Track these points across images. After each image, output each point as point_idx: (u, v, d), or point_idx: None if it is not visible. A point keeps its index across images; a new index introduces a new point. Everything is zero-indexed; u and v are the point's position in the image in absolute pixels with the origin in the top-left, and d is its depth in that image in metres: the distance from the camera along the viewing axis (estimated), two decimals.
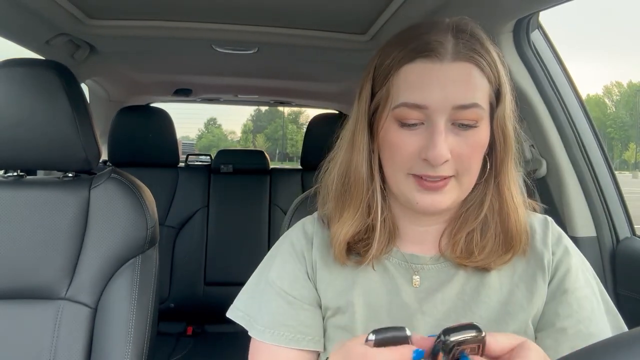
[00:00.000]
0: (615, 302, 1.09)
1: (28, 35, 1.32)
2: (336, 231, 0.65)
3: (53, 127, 0.96)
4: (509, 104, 0.61)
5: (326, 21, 1.34)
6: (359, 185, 0.64)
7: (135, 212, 1.01)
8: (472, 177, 0.61)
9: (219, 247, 2.24)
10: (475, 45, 0.59)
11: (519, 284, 0.62)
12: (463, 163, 0.59)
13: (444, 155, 0.56)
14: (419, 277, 0.64)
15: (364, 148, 0.63)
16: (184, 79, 2.36)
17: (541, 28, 1.12)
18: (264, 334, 0.65)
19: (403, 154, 0.59)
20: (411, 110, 0.58)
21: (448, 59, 0.57)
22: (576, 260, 0.64)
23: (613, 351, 0.26)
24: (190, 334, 2.21)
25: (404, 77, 0.59)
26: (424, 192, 0.59)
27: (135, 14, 1.33)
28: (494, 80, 0.60)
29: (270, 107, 21.23)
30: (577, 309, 0.60)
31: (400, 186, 0.61)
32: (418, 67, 0.58)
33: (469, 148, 0.58)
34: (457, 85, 0.57)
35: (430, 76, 0.57)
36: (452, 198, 0.60)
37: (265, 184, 2.34)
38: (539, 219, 0.68)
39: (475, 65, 0.58)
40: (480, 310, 0.61)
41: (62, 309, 0.95)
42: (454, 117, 0.57)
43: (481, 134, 0.59)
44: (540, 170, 1.18)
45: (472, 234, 0.63)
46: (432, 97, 0.57)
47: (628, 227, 1.14)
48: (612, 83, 53.37)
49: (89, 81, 2.03)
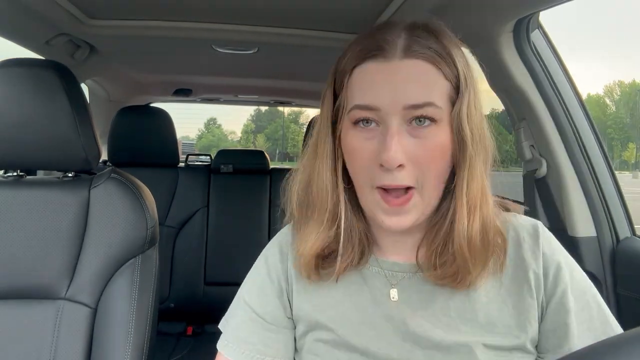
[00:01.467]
0: (615, 302, 1.10)
1: (28, 35, 1.32)
2: (299, 246, 0.62)
3: (53, 127, 0.96)
4: (472, 102, 0.56)
5: (326, 21, 1.34)
6: (322, 194, 0.61)
7: (135, 212, 1.01)
8: (433, 187, 0.57)
9: (219, 247, 2.24)
10: (429, 42, 0.55)
11: (506, 299, 0.59)
12: (422, 169, 0.55)
13: (397, 158, 0.53)
14: (396, 290, 0.62)
15: (327, 155, 0.61)
16: (184, 79, 2.36)
17: (541, 28, 1.12)
18: (226, 347, 0.65)
19: (362, 160, 0.57)
20: (363, 112, 0.56)
21: (397, 57, 0.54)
22: (569, 273, 0.59)
23: (613, 351, 0.26)
24: (190, 334, 2.21)
25: (356, 79, 0.57)
26: (389, 212, 0.56)
27: (135, 14, 1.33)
28: (452, 78, 0.56)
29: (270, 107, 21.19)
30: (577, 328, 0.57)
31: (367, 201, 0.59)
32: (368, 67, 0.56)
33: (426, 152, 0.55)
34: (408, 84, 0.54)
35: (379, 76, 0.55)
36: (416, 216, 0.57)
37: (265, 184, 2.34)
38: (527, 226, 0.62)
39: (429, 62, 0.55)
40: (466, 327, 0.58)
41: (62, 309, 0.95)
42: (408, 116, 0.54)
43: (439, 134, 0.55)
44: (540, 170, 1.18)
45: (442, 246, 0.59)
46: (382, 98, 0.54)
47: (628, 227, 1.14)
48: (613, 82, 53.33)
49: (89, 81, 2.03)
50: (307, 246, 0.61)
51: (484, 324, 0.58)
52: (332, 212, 0.61)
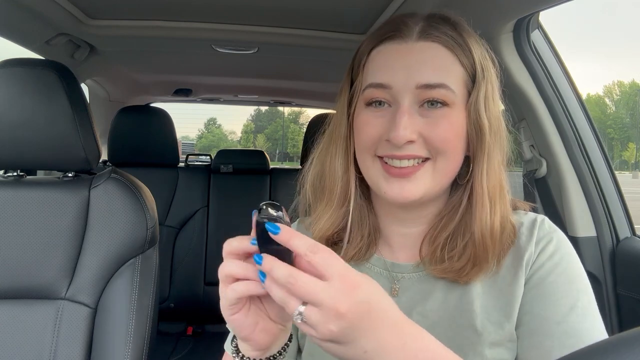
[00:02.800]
0: (615, 302, 1.09)
1: (28, 35, 1.32)
2: (314, 229, 0.63)
3: (53, 127, 0.96)
4: (490, 94, 0.57)
5: (326, 21, 1.34)
6: (333, 175, 0.62)
7: (135, 212, 1.01)
8: (449, 162, 0.56)
9: (219, 247, 2.18)
10: (446, 28, 0.57)
11: (503, 288, 0.57)
12: (435, 144, 0.55)
13: (406, 136, 0.53)
14: (399, 286, 0.61)
15: (341, 139, 0.62)
16: (184, 79, 2.36)
17: (541, 28, 1.12)
18: (227, 344, 0.65)
19: (368, 134, 0.57)
20: (376, 90, 0.57)
21: (413, 38, 0.56)
22: (561, 261, 0.57)
23: (613, 350, 0.26)
24: (190, 334, 2.21)
25: (372, 60, 0.59)
26: (391, 180, 0.56)
27: (136, 13, 1.33)
28: (468, 65, 0.57)
29: (270, 107, 21.23)
30: (549, 305, 0.54)
31: (368, 171, 0.59)
32: (385, 48, 0.58)
33: (439, 129, 0.55)
34: (422, 64, 0.55)
35: (394, 56, 0.56)
36: (424, 186, 0.56)
37: (265, 184, 2.34)
38: (529, 218, 0.61)
39: (444, 46, 0.56)
40: (464, 320, 0.57)
41: (62, 309, 0.95)
42: (420, 97, 0.55)
43: (452, 117, 0.55)
44: (540, 170, 1.18)
45: (450, 240, 0.59)
46: (396, 77, 0.55)
47: (628, 227, 1.14)
48: (613, 82, 53.33)
49: (89, 81, 2.03)
50: (318, 226, 0.62)
51: (482, 317, 0.57)
52: (342, 194, 0.62)
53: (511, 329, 0.56)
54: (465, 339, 0.56)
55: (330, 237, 0.63)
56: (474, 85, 0.57)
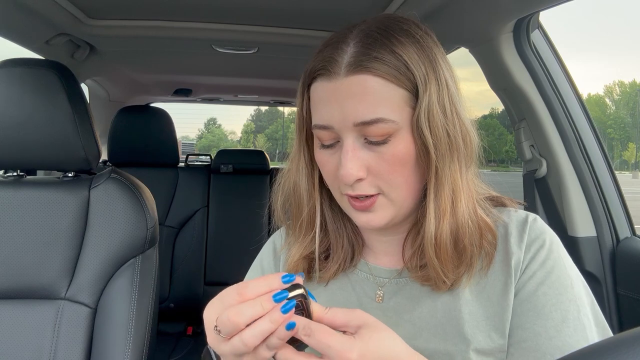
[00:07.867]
0: (615, 302, 1.09)
1: (28, 35, 1.32)
2: (286, 257, 0.64)
3: (53, 127, 0.96)
4: (433, 104, 0.53)
5: (326, 21, 1.34)
6: (301, 201, 0.63)
7: (135, 212, 1.01)
8: (402, 191, 0.55)
9: (219, 247, 2.24)
10: (380, 50, 0.52)
11: (492, 297, 0.56)
12: (384, 179, 0.54)
13: (353, 175, 0.53)
14: (383, 292, 0.61)
15: (302, 164, 0.62)
16: (184, 79, 2.36)
17: (541, 28, 1.12)
18: None
19: (328, 173, 0.58)
20: (322, 131, 0.55)
21: (342, 74, 0.52)
22: (553, 269, 0.55)
23: (613, 350, 0.26)
24: (190, 334, 2.21)
25: (312, 97, 0.57)
26: (357, 212, 0.57)
27: (135, 13, 1.33)
28: (407, 83, 0.52)
29: (270, 107, 21.19)
30: (541, 319, 0.53)
31: (340, 202, 0.60)
32: (319, 86, 0.55)
33: (386, 163, 0.53)
34: (354, 101, 0.52)
35: (327, 95, 0.54)
36: (386, 216, 0.56)
37: (265, 184, 2.34)
38: (519, 217, 0.59)
39: (375, 75, 0.51)
40: (452, 327, 0.56)
41: (62, 309, 0.95)
42: (362, 133, 0.53)
43: (398, 145, 0.53)
44: (540, 170, 1.18)
45: (428, 244, 0.57)
46: (333, 117, 0.53)
47: (628, 227, 1.14)
48: (613, 82, 53.33)
49: (89, 81, 2.03)
50: (290, 254, 0.64)
51: (470, 324, 0.56)
52: (308, 220, 0.63)
53: (500, 342, 0.55)
54: (453, 345, 0.56)
55: (308, 256, 0.63)
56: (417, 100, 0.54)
